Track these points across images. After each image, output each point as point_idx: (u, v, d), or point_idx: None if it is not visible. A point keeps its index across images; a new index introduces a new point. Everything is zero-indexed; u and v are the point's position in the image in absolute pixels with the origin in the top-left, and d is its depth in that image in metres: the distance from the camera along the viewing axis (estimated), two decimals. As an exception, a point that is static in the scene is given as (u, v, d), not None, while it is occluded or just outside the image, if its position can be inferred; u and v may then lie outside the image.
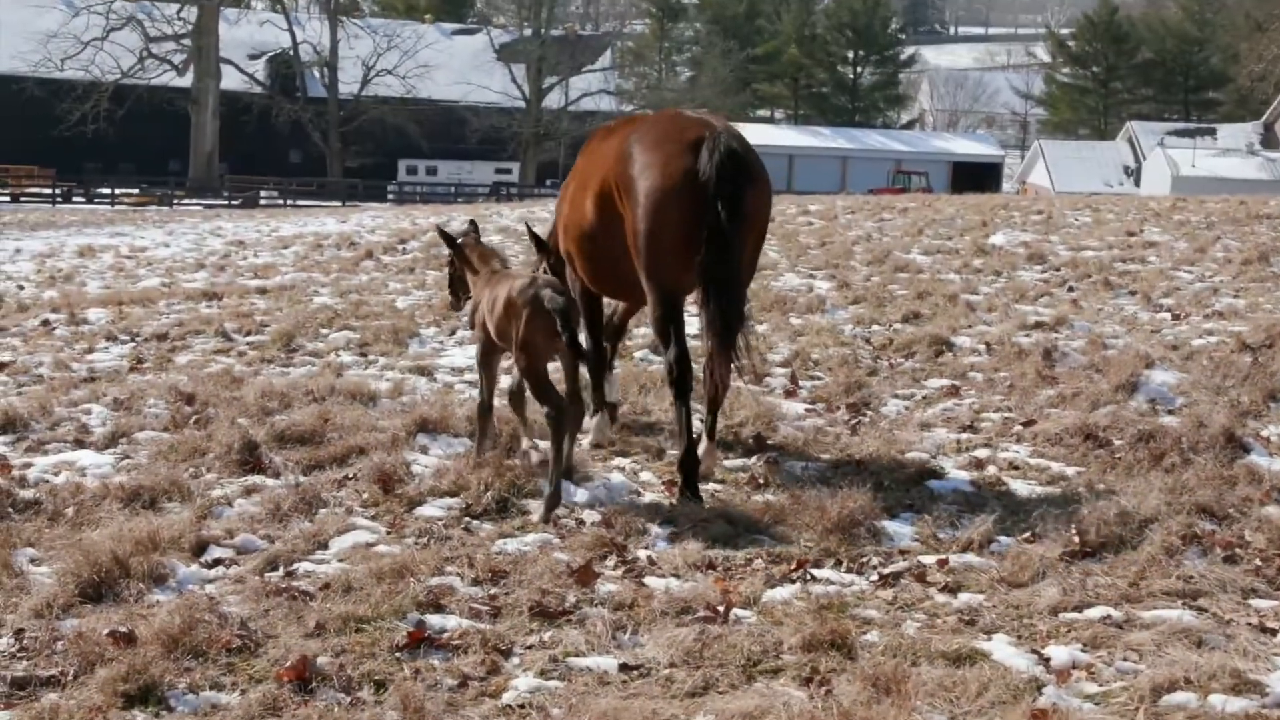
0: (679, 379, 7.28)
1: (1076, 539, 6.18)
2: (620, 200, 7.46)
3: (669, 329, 7.34)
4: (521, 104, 76.18)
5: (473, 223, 8.14)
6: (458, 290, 8.17)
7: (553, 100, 77.59)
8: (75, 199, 62.63)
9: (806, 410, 9.23)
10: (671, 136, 7.33)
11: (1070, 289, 14.85)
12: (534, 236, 8.58)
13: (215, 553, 6.18)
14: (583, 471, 7.39)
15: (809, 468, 7.64)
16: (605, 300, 8.82)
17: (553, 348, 7.01)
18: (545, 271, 8.33)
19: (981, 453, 7.99)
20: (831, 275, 16.32)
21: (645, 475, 7.59)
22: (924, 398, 9.61)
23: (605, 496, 7.06)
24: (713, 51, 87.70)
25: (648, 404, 9.09)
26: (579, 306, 7.75)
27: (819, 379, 10.24)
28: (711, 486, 7.29)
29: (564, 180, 8.66)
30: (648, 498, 7.13)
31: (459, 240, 7.83)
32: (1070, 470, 7.59)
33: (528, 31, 79.70)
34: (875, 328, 12.50)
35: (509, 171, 78.38)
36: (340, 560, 6.06)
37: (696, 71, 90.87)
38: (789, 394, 9.73)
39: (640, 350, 11.43)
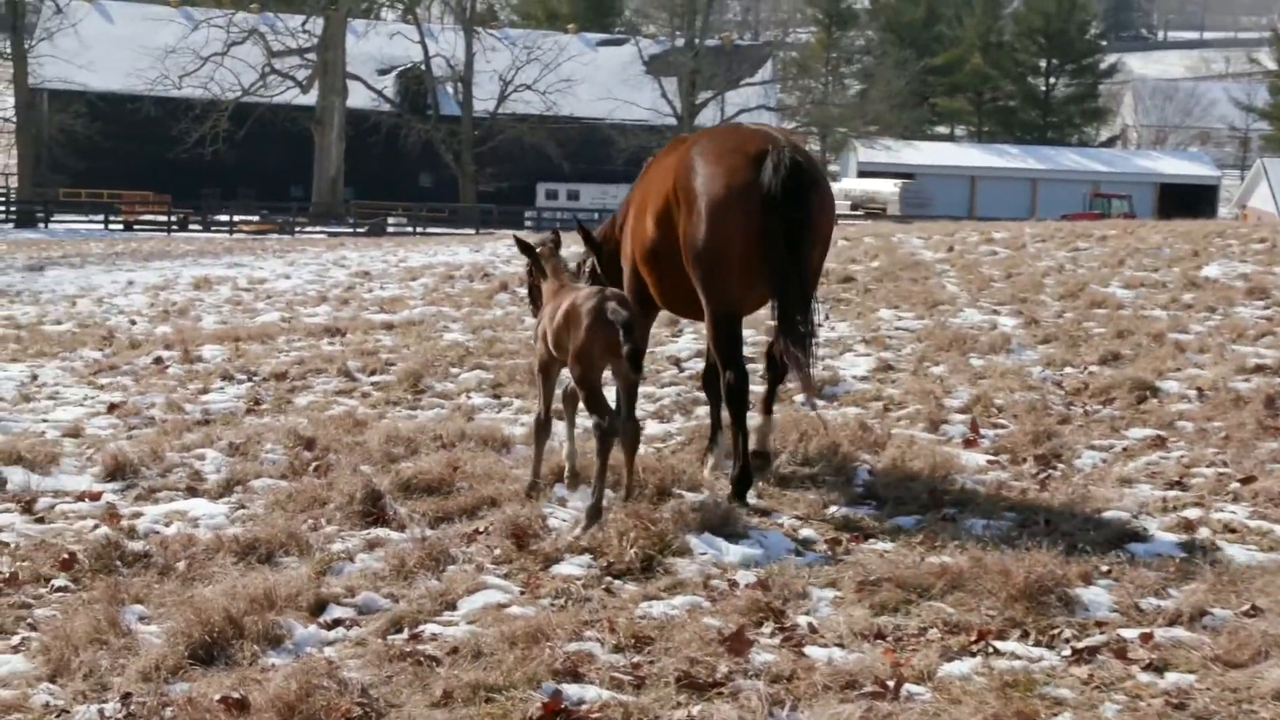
0: (736, 399, 7.97)
1: (1303, 614, 5.99)
2: (679, 212, 8.04)
3: (727, 349, 8.02)
4: (672, 121, 76.49)
5: (554, 232, 8.76)
6: (536, 301, 8.83)
7: (707, 117, 77.73)
8: (191, 226, 64.71)
9: (989, 462, 9.10)
10: (735, 149, 7.90)
11: (1297, 327, 14.42)
12: (585, 234, 9.26)
13: (335, 612, 6.30)
14: (735, 527, 7.39)
15: (991, 526, 7.53)
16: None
17: (610, 360, 7.60)
18: (593, 269, 9.21)
19: (1192, 513, 7.79)
20: (1018, 311, 16.09)
21: (806, 532, 7.55)
22: (1124, 449, 9.41)
23: (761, 555, 7.04)
24: (886, 62, 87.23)
25: (809, 453, 9.05)
26: (641, 323, 8.23)
27: (1003, 427, 10.09)
28: (880, 546, 7.23)
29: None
30: (809, 557, 7.10)
31: (537, 250, 8.50)
32: (1296, 535, 7.37)
33: (680, 41, 80.00)
34: (1068, 370, 12.29)
35: (660, 195, 78.85)
36: (470, 622, 6.14)
37: (867, 84, 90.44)
38: (969, 444, 9.61)
39: (801, 395, 11.38)
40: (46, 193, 69.27)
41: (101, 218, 65.29)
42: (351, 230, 62.78)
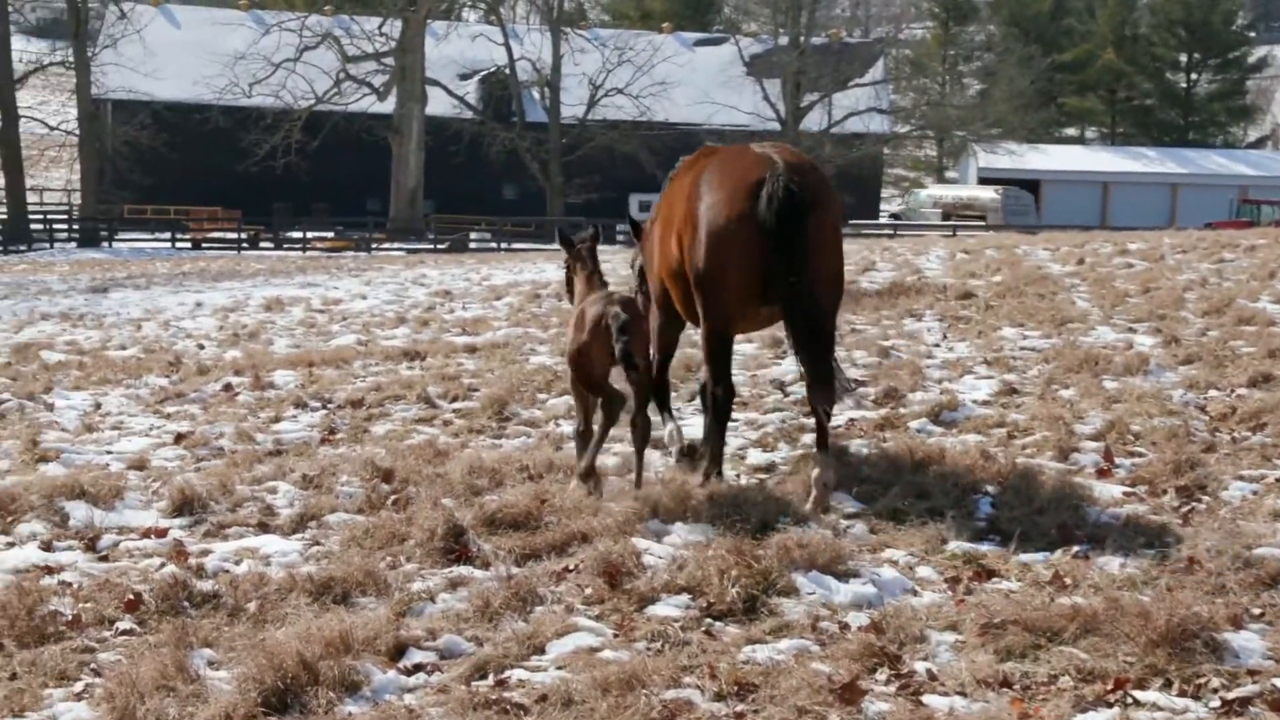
0: (721, 409, 9.12)
1: None
2: (687, 236, 9.09)
3: (718, 364, 9.11)
4: (776, 125, 76.36)
5: (595, 228, 10.18)
6: (571, 294, 9.93)
7: (813, 120, 77.57)
8: (262, 244, 65.57)
9: (1125, 494, 8.99)
10: (734, 176, 8.95)
11: None
12: (634, 226, 10.64)
13: (415, 656, 6.34)
14: (846, 564, 7.35)
15: (1128, 564, 7.44)
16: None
17: (610, 361, 8.75)
18: (642, 268, 10.43)
19: (1353, 550, 7.64)
20: (1156, 329, 15.90)
21: (924, 570, 7.50)
22: (1277, 480, 9.25)
23: (874, 595, 7.00)
24: (1009, 59, 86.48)
25: (925, 484, 8.99)
26: (644, 328, 9.29)
27: (1140, 456, 9.96)
28: (1005, 585, 7.17)
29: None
30: (927, 597, 7.05)
31: (576, 247, 9.76)
32: None
33: (783, 40, 79.70)
34: (1213, 393, 12.12)
35: (760, 205, 78.72)
36: (559, 667, 6.16)
37: (988, 83, 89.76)
38: (1102, 474, 9.50)
39: (917, 420, 11.33)
40: (110, 209, 70.40)
41: (168, 235, 66.31)
42: (431, 246, 63.28)
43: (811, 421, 10.37)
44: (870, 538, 8.09)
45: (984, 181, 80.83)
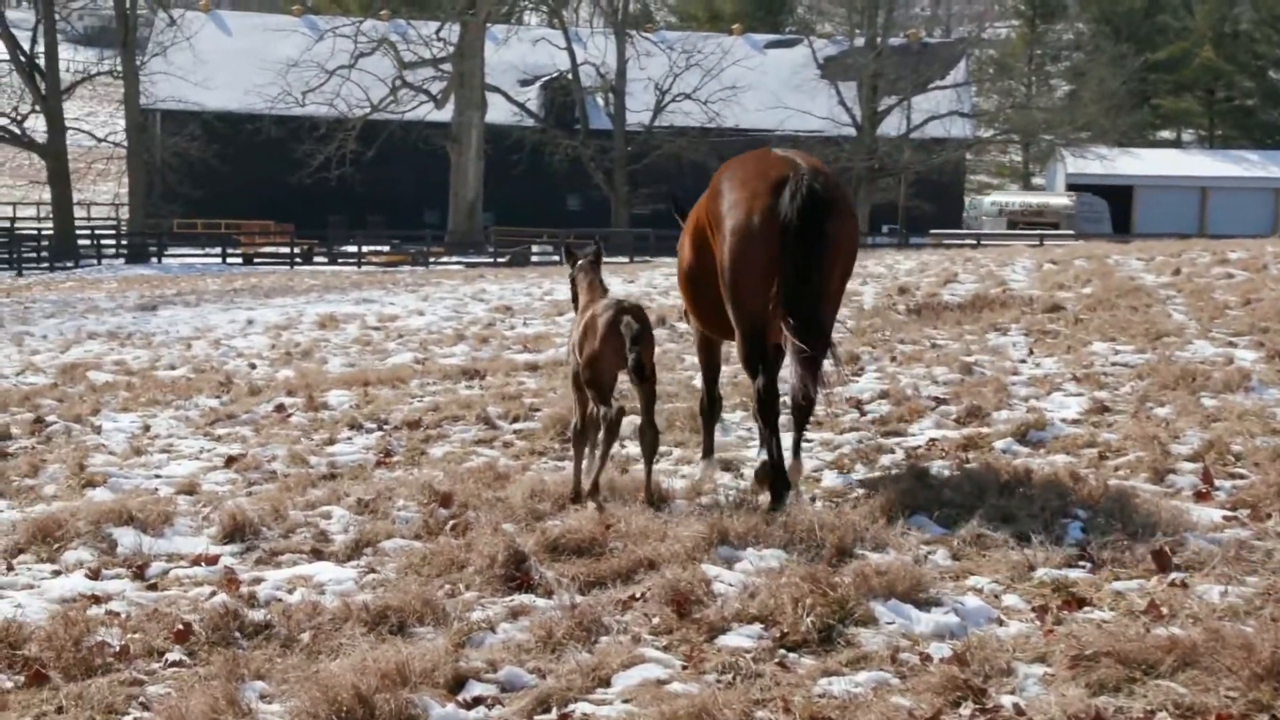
0: (766, 406, 9.52)
1: None
2: (712, 238, 9.70)
3: (756, 361, 9.57)
4: (851, 131, 76.26)
5: (598, 243, 10.95)
6: (576, 304, 10.46)
7: (891, 125, 77.39)
8: (316, 259, 66.05)
9: (1225, 518, 8.89)
10: (757, 176, 9.49)
11: None
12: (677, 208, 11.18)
13: (475, 689, 6.36)
14: (927, 592, 7.32)
15: (1229, 593, 7.35)
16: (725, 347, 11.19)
17: (620, 369, 9.29)
18: None
19: None
20: (1258, 342, 15.73)
21: (1010, 598, 7.45)
22: (1388, 503, 9.12)
23: (957, 625, 6.96)
24: (1099, 58, 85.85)
25: (1011, 507, 8.93)
26: (651, 336, 9.63)
27: (1242, 477, 9.85)
28: (1097, 615, 7.10)
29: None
30: (1014, 628, 7.00)
31: (580, 260, 10.48)
32: None
33: (859, 41, 79.52)
34: (1319, 411, 11.97)
35: (836, 216, 78.46)
36: (626, 701, 6.16)
37: (1077, 84, 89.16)
38: (1201, 497, 9.39)
39: (1002, 440, 11.26)
40: (159, 223, 71.14)
41: (219, 250, 66.99)
42: (491, 260, 63.56)
43: (890, 442, 10.46)
44: (953, 564, 8.04)
45: (1073, 188, 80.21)
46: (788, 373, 9.42)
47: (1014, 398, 13.18)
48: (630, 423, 11.05)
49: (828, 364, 9.55)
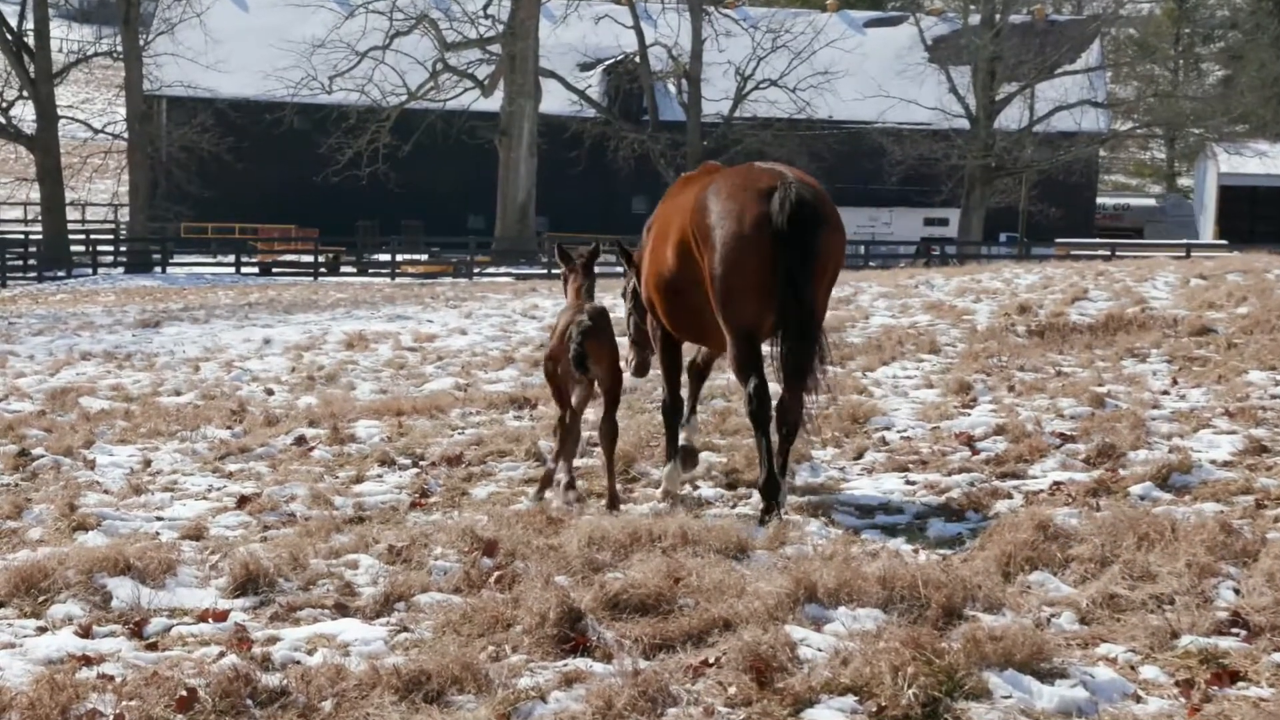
0: (758, 410, 10.84)
1: None
2: (698, 248, 11.03)
3: (748, 368, 10.93)
4: (964, 123, 75.92)
5: (596, 245, 12.78)
6: None
7: (1010, 117, 76.92)
8: (344, 269, 66.38)
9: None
10: (746, 186, 10.88)
11: None
12: (625, 254, 13.03)
13: (523, 767, 6.36)
14: (1051, 660, 7.26)
15: (1407, 667, 7.27)
16: (686, 347, 12.69)
17: (580, 371, 11.13)
18: (633, 291, 12.88)
19: None
20: None
21: (1148, 670, 7.39)
22: None
23: (1086, 700, 6.90)
24: (1259, 39, 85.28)
25: (1151, 563, 8.87)
26: (608, 335, 11.47)
27: None
28: (1255, 692, 7.03)
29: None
30: (1154, 705, 6.94)
31: (574, 261, 12.16)
32: None
33: (975, 19, 79.04)
34: None
35: (944, 222, 78.28)
36: (695, 783, 6.14)
37: (1232, 69, 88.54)
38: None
39: (1140, 485, 11.18)
40: (164, 227, 71.72)
41: (232, 259, 67.49)
42: (545, 271, 63.56)
43: (1007, 485, 10.43)
44: (1081, 629, 7.99)
45: (1226, 190, 79.62)
46: (779, 387, 10.96)
47: (1154, 435, 13.09)
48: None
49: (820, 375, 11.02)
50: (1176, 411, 14.25)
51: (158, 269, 66.25)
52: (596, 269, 12.58)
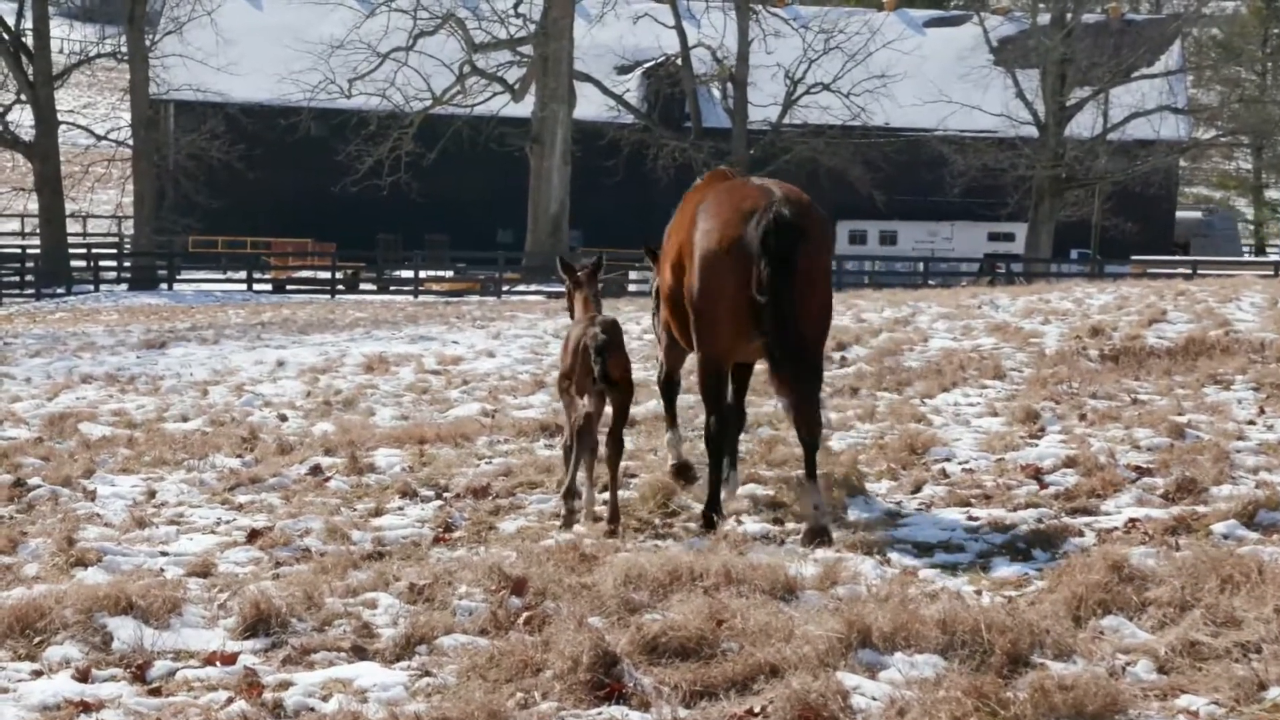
0: (715, 440, 11.94)
1: None
2: (687, 264, 11.95)
3: (713, 394, 12.01)
4: (1032, 131, 75.70)
5: (599, 257, 13.63)
6: (573, 317, 13.16)
7: (1083, 124, 76.58)
8: (363, 286, 66.51)
9: None
10: (730, 205, 11.73)
11: None
12: (651, 254, 14.06)
13: (550, 822, 6.35)
14: (1126, 714, 7.23)
15: None
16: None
17: (592, 383, 11.79)
18: (656, 289, 13.84)
19: None
20: None
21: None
22: None
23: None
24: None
25: (1235, 608, 8.81)
26: (623, 348, 12.21)
27: None
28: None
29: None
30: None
31: (577, 273, 13.13)
32: None
33: (1044, 19, 78.78)
34: None
35: (1010, 238, 78.10)
36: (739, 842, 6.13)
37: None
38: None
39: (1223, 523, 11.13)
40: (171, 241, 72.03)
41: (243, 275, 67.60)
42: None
43: (1077, 522, 10.41)
44: (1159, 679, 7.95)
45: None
46: (783, 409, 12.19)
47: (1239, 469, 13.03)
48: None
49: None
50: (1263, 443, 14.19)
51: (164, 285, 66.51)
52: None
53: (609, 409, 12.29)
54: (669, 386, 14.18)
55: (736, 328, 11.64)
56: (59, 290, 64.51)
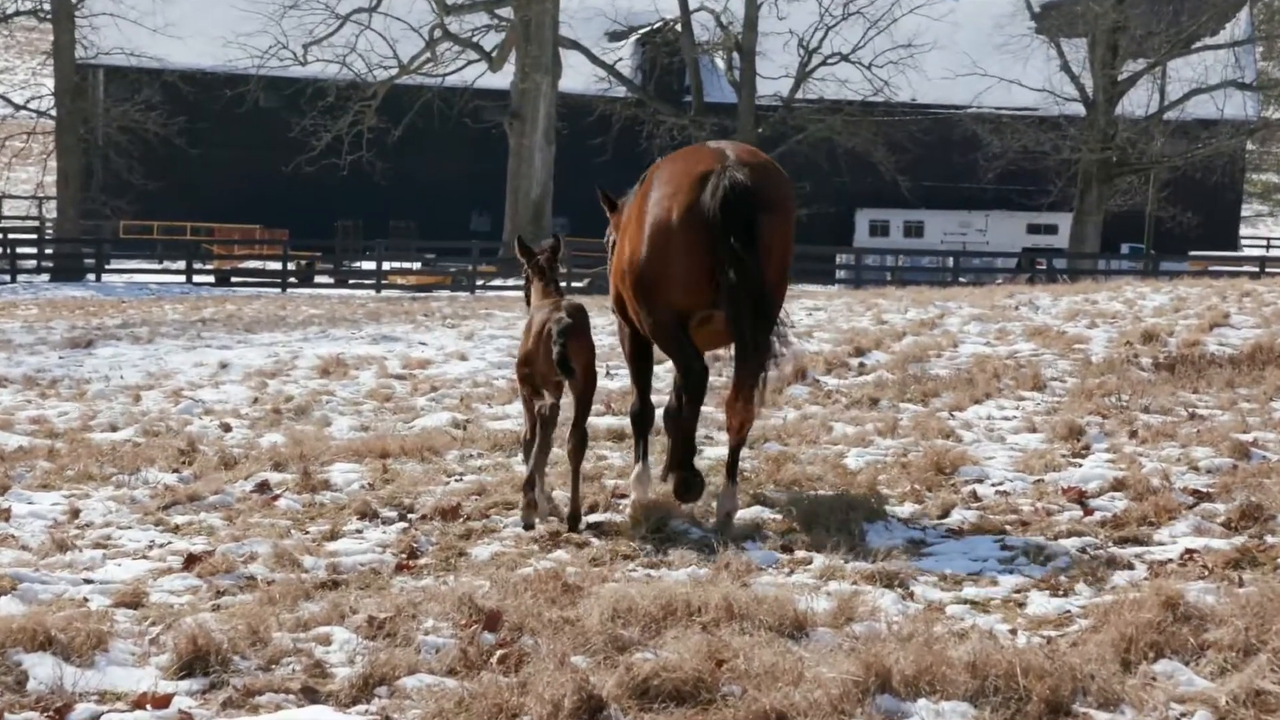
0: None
1: None
2: (633, 231, 12.75)
3: (676, 345, 12.83)
4: (1078, 108, 75.49)
5: (556, 238, 14.58)
6: (528, 302, 13.78)
7: (1136, 101, 76.31)
8: (319, 279, 66.47)
9: None
10: (683, 171, 12.46)
11: None
12: (606, 199, 14.78)
13: None
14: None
15: None
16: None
17: (554, 371, 12.33)
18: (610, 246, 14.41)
19: None
20: None
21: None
22: None
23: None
24: None
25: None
26: (587, 335, 12.82)
27: None
28: None
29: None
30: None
31: (535, 256, 13.72)
32: None
33: (1092, -19, 78.89)
34: None
35: (1052, 230, 78.14)
36: None
37: None
38: None
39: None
40: (100, 226, 71.88)
41: (182, 265, 67.56)
42: (564, 284, 63.36)
43: (1126, 552, 10.41)
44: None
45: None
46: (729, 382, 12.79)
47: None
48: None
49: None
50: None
51: (91, 276, 66.51)
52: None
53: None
54: (641, 418, 14.04)
55: (689, 298, 12.56)
56: (-31, 282, 64.44)
